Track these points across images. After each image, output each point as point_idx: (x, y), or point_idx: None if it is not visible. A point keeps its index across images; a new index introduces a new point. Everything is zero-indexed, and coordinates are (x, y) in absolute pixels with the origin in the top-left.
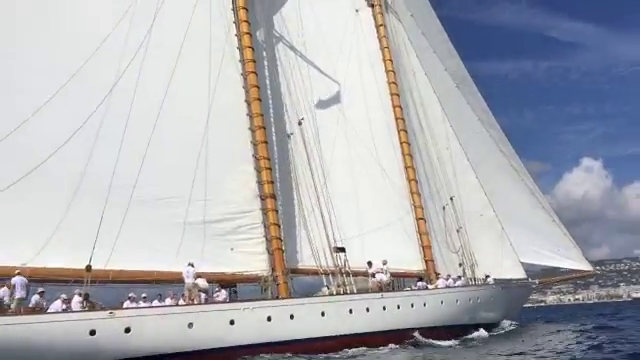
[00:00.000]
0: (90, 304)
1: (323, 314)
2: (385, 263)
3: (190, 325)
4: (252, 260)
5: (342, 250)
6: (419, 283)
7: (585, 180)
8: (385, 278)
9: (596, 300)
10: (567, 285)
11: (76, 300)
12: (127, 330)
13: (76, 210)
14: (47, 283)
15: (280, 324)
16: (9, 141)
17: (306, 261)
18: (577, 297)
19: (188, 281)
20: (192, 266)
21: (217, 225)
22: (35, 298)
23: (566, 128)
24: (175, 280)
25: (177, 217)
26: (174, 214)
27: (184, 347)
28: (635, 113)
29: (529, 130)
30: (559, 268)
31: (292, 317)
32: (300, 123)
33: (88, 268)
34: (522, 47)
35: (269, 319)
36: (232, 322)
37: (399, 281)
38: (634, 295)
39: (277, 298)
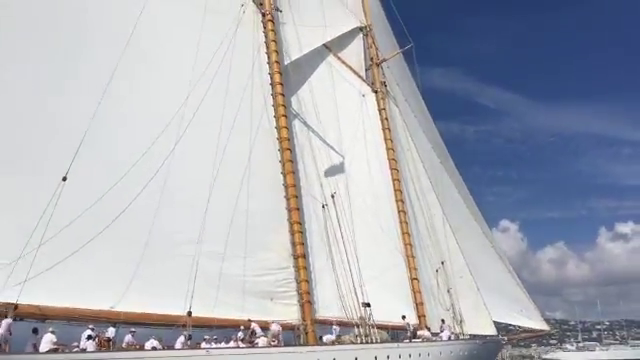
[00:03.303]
0: (191, 344)
1: (356, 359)
2: None
3: None
4: (287, 311)
5: (368, 305)
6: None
7: (502, 241)
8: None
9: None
10: None
11: (179, 340)
12: None
13: (146, 264)
14: (141, 326)
15: None
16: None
17: (327, 313)
18: None
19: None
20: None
21: (261, 278)
22: (128, 337)
23: (489, 190)
24: (228, 325)
25: (227, 269)
26: (225, 267)
27: None
28: (551, 181)
29: None
30: (521, 327)
31: None
32: (333, 196)
33: (189, 314)
34: (452, 111)
35: None
36: None
37: (395, 333)
38: (544, 356)
39: (307, 345)
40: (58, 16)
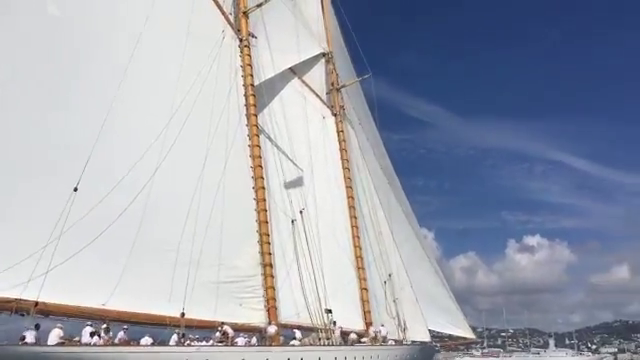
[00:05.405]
0: (184, 341)
1: (319, 359)
2: None
3: None
4: (255, 314)
5: (330, 311)
6: None
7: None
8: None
9: None
10: None
11: (173, 338)
12: None
13: (133, 267)
14: (132, 324)
15: None
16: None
17: (292, 318)
18: None
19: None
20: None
21: (231, 285)
22: (121, 334)
23: (410, 199)
24: (204, 326)
25: (203, 277)
26: (200, 274)
27: None
28: (467, 192)
29: None
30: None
31: None
32: (301, 212)
33: (182, 315)
34: (379, 119)
35: None
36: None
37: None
38: None
39: (271, 345)
40: (56, 41)
